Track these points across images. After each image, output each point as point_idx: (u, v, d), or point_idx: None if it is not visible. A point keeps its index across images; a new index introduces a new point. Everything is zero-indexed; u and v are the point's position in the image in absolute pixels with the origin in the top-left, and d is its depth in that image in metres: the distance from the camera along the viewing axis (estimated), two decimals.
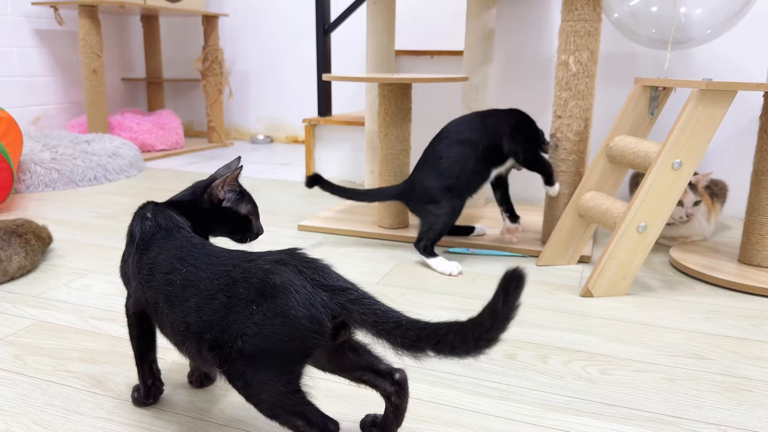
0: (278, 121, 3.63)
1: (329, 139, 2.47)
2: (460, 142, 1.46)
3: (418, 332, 0.59)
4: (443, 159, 1.44)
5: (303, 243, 1.66)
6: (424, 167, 1.48)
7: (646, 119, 1.45)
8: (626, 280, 1.30)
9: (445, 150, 1.46)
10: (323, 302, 0.62)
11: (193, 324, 0.67)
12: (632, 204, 1.26)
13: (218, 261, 0.69)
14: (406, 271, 1.43)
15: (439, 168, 1.45)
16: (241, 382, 0.63)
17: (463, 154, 1.45)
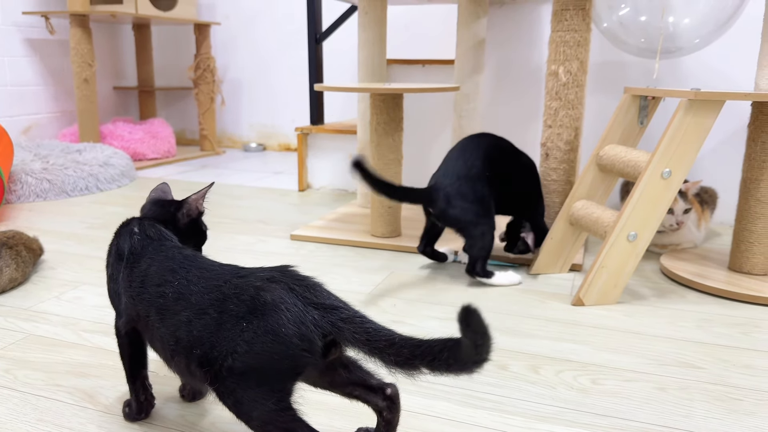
0: (271, 128, 3.63)
1: (322, 147, 2.47)
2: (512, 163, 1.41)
3: (412, 350, 0.59)
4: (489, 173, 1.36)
5: (295, 252, 1.66)
6: (460, 178, 1.35)
7: (636, 128, 1.46)
8: (617, 289, 1.31)
9: (496, 167, 1.37)
10: (314, 320, 0.62)
11: (183, 339, 0.67)
12: (622, 213, 1.27)
13: (210, 275, 0.69)
14: (399, 281, 1.43)
15: (483, 183, 1.35)
16: (232, 399, 0.63)
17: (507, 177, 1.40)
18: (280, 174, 2.89)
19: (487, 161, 1.38)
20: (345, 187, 2.49)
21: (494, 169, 1.39)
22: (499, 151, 1.42)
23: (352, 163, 1.25)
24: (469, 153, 1.38)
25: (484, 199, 1.36)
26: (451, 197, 1.35)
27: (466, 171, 1.36)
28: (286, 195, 2.43)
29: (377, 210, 1.75)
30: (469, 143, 1.41)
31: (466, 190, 1.35)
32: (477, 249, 1.38)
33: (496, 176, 1.39)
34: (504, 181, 1.41)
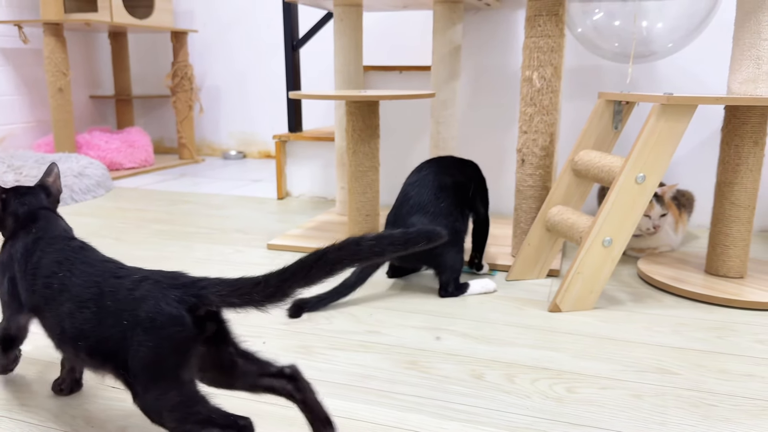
0: (250, 136, 3.60)
1: (300, 155, 2.46)
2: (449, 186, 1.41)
3: (281, 276, 0.62)
4: (443, 202, 1.37)
5: (271, 262, 1.64)
6: (420, 211, 1.36)
7: (611, 133, 1.46)
8: (593, 295, 1.31)
9: (440, 192, 1.38)
10: (177, 298, 0.65)
11: (68, 329, 0.71)
12: (597, 219, 1.27)
13: (92, 270, 0.74)
14: (376, 291, 1.42)
15: (441, 210, 1.36)
16: (140, 403, 0.66)
17: (458, 196, 1.41)
18: (259, 182, 2.87)
19: (442, 191, 1.38)
20: (323, 195, 2.47)
21: (455, 191, 1.40)
22: (451, 171, 1.43)
23: (292, 312, 1.26)
24: (420, 188, 1.38)
25: (449, 228, 1.36)
26: (413, 221, 1.35)
27: (423, 205, 1.36)
28: (264, 203, 2.41)
29: (354, 218, 1.73)
30: (417, 178, 1.41)
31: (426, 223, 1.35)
32: (449, 273, 1.38)
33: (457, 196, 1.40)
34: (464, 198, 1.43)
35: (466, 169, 1.50)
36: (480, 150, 2.14)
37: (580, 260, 1.28)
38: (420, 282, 1.50)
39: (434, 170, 1.41)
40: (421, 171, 1.42)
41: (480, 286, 1.41)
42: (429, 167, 1.43)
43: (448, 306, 1.34)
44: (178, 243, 1.82)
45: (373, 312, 1.30)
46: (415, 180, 1.40)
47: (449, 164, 1.47)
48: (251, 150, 3.63)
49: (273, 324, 1.23)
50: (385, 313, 1.30)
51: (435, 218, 1.34)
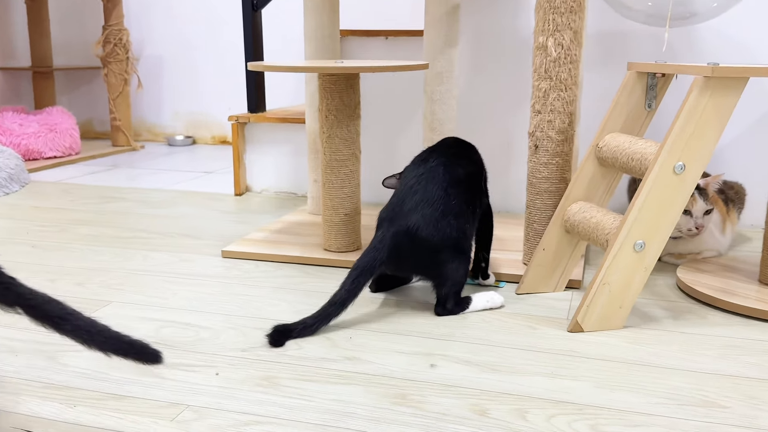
0: (202, 117, 3.58)
1: (263, 140, 2.45)
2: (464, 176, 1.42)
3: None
4: (454, 199, 1.37)
5: (227, 273, 1.63)
6: (426, 209, 1.35)
7: (643, 113, 1.47)
8: (623, 310, 1.31)
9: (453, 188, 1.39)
10: None
11: None
12: (626, 217, 1.27)
13: None
14: (357, 308, 1.41)
15: (451, 208, 1.36)
16: None
17: (470, 191, 1.42)
18: (213, 174, 2.86)
19: (454, 187, 1.38)
20: (292, 190, 2.47)
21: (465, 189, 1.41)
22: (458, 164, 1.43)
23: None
24: (426, 183, 1.38)
25: (455, 234, 1.36)
26: (416, 220, 1.34)
27: (427, 205, 1.36)
28: (218, 200, 2.40)
29: (331, 218, 1.73)
30: (424, 170, 1.41)
31: (430, 231, 1.35)
32: (449, 287, 1.38)
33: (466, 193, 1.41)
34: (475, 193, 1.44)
35: (472, 153, 1.50)
36: (484, 134, 2.14)
37: (606, 268, 1.28)
38: (411, 296, 1.50)
39: (444, 161, 1.41)
40: (429, 161, 1.42)
41: (484, 301, 1.41)
42: (437, 157, 1.43)
43: (446, 326, 1.33)
44: (109, 250, 1.81)
45: (353, 334, 1.29)
46: (422, 172, 1.40)
47: (458, 151, 1.47)
48: (202, 134, 3.61)
49: (228, 351, 1.22)
50: (367, 335, 1.29)
51: (443, 218, 1.34)
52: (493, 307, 1.42)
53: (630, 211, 1.28)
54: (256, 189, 2.50)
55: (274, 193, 2.48)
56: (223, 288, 1.55)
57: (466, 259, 1.38)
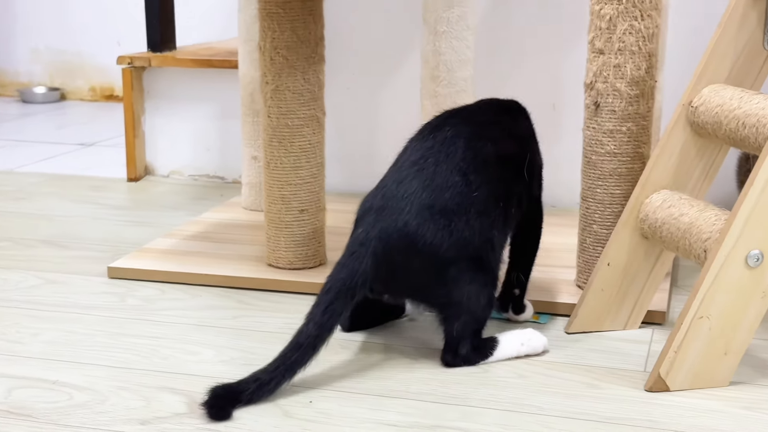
0: (74, 58, 3.56)
1: (172, 94, 2.44)
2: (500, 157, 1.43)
3: None
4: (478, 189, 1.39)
5: (117, 304, 1.63)
6: (432, 201, 1.36)
7: (761, 54, 1.47)
8: (730, 358, 1.32)
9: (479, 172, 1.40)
10: None
11: None
12: (735, 215, 1.28)
13: None
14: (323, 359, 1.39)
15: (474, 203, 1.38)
16: None
17: (503, 178, 1.43)
18: (93, 147, 2.85)
19: (478, 170, 1.39)
20: (217, 172, 2.46)
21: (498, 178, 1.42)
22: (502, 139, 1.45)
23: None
24: (436, 163, 1.38)
25: (474, 244, 1.37)
26: (418, 214, 1.35)
27: (433, 197, 1.37)
28: (102, 189, 2.39)
29: (277, 216, 1.73)
30: (433, 143, 1.41)
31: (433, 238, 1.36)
32: (462, 324, 1.38)
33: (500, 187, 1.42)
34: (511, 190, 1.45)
35: (516, 123, 1.50)
36: (514, 87, 2.15)
37: (704, 294, 1.29)
38: (405, 336, 1.50)
39: (467, 131, 1.42)
40: (444, 130, 1.42)
41: (518, 345, 1.41)
42: (457, 124, 1.43)
43: (459, 383, 1.33)
44: None
45: (316, 397, 1.29)
46: (431, 146, 1.40)
47: (492, 118, 1.48)
48: (76, 85, 3.59)
49: (120, 424, 1.22)
50: (337, 398, 1.29)
51: (459, 216, 1.35)
52: (531, 354, 1.42)
53: (740, 205, 1.29)
54: (161, 171, 2.49)
55: (189, 178, 2.47)
56: (112, 326, 1.54)
57: (490, 280, 1.39)
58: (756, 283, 1.30)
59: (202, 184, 2.44)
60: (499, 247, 1.41)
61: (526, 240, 1.54)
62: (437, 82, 1.93)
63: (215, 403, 1.23)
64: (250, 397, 1.25)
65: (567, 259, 1.78)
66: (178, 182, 2.46)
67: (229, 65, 2.34)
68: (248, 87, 2.10)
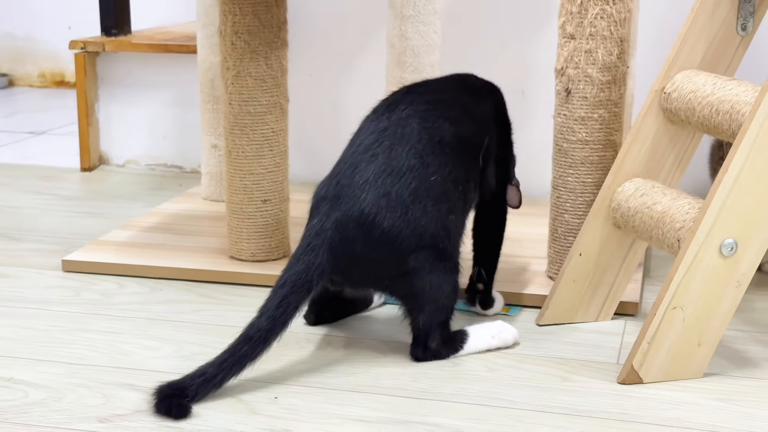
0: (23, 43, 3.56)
1: (127, 81, 2.43)
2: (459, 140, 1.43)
3: None
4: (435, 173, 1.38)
5: (73, 298, 1.62)
6: (388, 186, 1.35)
7: (734, 39, 1.48)
8: (704, 349, 1.32)
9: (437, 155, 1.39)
10: None
11: None
12: (709, 204, 1.29)
13: None
14: (287, 349, 1.41)
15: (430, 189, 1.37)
16: None
17: (463, 161, 1.43)
18: (44, 136, 2.85)
19: (436, 151, 1.39)
20: (176, 162, 2.45)
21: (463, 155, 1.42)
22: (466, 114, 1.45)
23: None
24: (392, 144, 1.37)
25: (433, 230, 1.37)
26: (374, 202, 1.34)
27: (390, 181, 1.35)
28: (55, 179, 2.38)
29: (239, 206, 1.72)
30: (388, 123, 1.40)
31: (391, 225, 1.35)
32: (428, 315, 1.37)
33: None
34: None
35: (480, 100, 1.51)
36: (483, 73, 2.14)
37: (677, 285, 1.29)
38: (372, 330, 1.50)
39: (423, 110, 1.41)
40: (398, 109, 1.41)
41: (488, 338, 1.42)
42: (412, 103, 1.42)
43: (429, 377, 1.33)
44: None
45: (281, 392, 1.28)
46: (385, 127, 1.39)
47: (453, 96, 1.47)
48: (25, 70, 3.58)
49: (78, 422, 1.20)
50: (303, 393, 1.28)
51: (416, 201, 1.34)
52: (502, 347, 1.42)
53: (714, 193, 1.29)
54: (116, 161, 2.48)
55: (145, 167, 2.46)
56: (68, 321, 1.53)
57: (451, 267, 1.38)
58: (730, 273, 1.30)
59: (159, 173, 2.43)
60: (457, 233, 1.40)
61: (491, 231, 1.53)
62: (403, 68, 1.92)
63: (161, 400, 1.21)
64: (196, 392, 1.23)
65: (538, 250, 1.79)
66: (135, 172, 2.44)
67: (187, 50, 2.33)
68: (207, 73, 2.09)
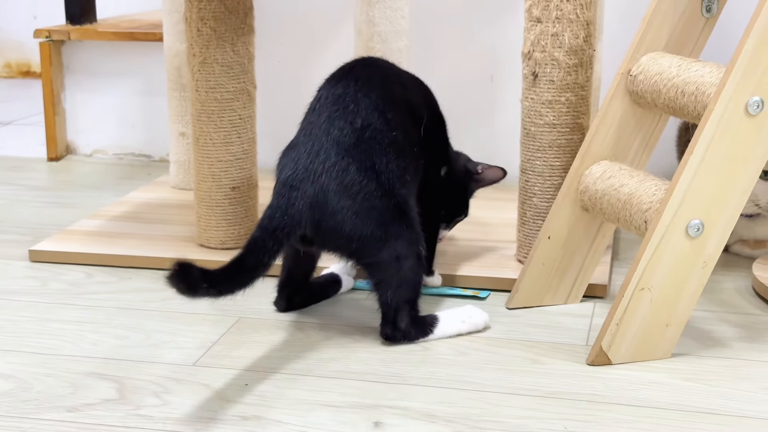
0: None
1: (93, 69, 2.42)
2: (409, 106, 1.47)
3: None
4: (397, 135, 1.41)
5: (40, 288, 1.62)
6: (347, 156, 1.37)
7: (699, 21, 1.49)
8: (671, 329, 1.34)
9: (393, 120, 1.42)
10: None
11: None
12: (675, 185, 1.30)
13: None
14: (256, 336, 1.42)
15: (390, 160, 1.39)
16: None
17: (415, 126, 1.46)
18: (9, 126, 2.83)
19: (394, 111, 1.41)
20: (144, 150, 2.44)
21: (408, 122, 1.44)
22: (402, 87, 1.48)
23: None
24: (354, 103, 1.39)
25: (396, 189, 1.38)
26: (327, 197, 1.34)
27: (354, 137, 1.37)
28: (21, 169, 2.37)
29: (211, 195, 1.72)
30: (347, 86, 1.42)
31: (357, 178, 1.36)
32: (395, 289, 1.38)
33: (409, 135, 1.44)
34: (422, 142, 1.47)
35: (415, 85, 1.54)
36: (450, 58, 2.15)
37: (645, 266, 1.31)
38: (343, 316, 1.51)
39: (367, 77, 1.43)
40: (342, 81, 1.43)
41: (458, 322, 1.42)
42: (354, 74, 1.45)
43: (399, 361, 1.34)
44: None
45: (252, 379, 1.28)
46: (342, 93, 1.41)
47: (389, 71, 1.51)
48: None
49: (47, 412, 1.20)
50: (275, 379, 1.29)
51: (378, 157, 1.36)
52: (473, 331, 1.43)
53: (680, 174, 1.30)
54: (83, 150, 2.46)
55: (113, 156, 2.45)
56: (36, 311, 1.53)
57: (415, 237, 1.39)
58: (697, 253, 1.32)
59: (127, 162, 2.42)
60: (413, 199, 1.42)
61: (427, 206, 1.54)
62: (372, 54, 1.92)
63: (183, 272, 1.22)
64: (211, 282, 1.25)
65: (507, 234, 1.79)
66: (102, 161, 2.43)
67: (153, 38, 2.31)
68: (174, 60, 2.08)
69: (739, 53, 1.28)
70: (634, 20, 2.05)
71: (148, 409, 1.21)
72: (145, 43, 2.34)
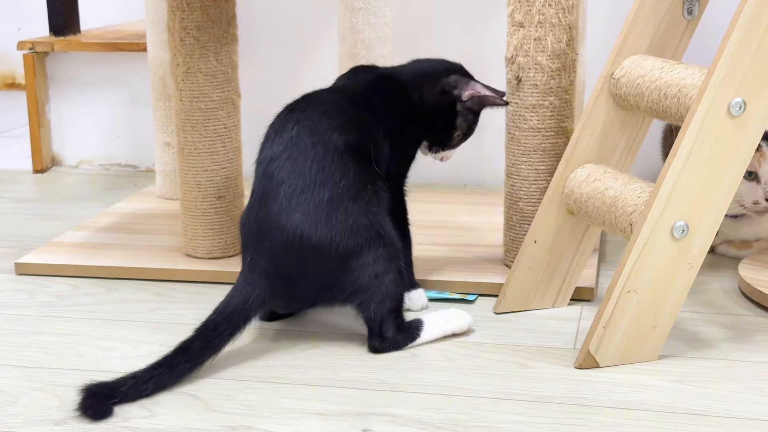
0: None
1: (78, 80, 2.41)
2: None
3: None
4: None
5: (26, 301, 1.62)
6: (304, 203, 1.37)
7: (681, 23, 1.49)
8: (658, 331, 1.34)
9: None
10: None
11: None
12: (659, 187, 1.30)
13: None
14: (243, 344, 1.41)
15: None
16: None
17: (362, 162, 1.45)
18: None
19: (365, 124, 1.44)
20: (129, 161, 2.43)
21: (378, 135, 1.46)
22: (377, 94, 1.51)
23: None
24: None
25: (370, 206, 1.39)
26: (296, 223, 1.35)
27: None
28: (7, 181, 2.36)
29: (197, 205, 1.72)
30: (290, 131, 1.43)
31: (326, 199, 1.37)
32: (378, 304, 1.38)
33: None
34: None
35: (372, 94, 1.53)
36: None
37: (631, 268, 1.31)
38: (329, 322, 1.51)
39: (308, 124, 1.43)
40: (286, 128, 1.44)
41: (443, 324, 1.42)
42: (297, 119, 1.45)
43: (387, 368, 1.34)
44: None
45: (237, 388, 1.29)
46: (282, 149, 1.41)
47: (334, 107, 1.48)
48: None
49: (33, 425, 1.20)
50: (261, 388, 1.29)
51: (334, 210, 1.36)
52: (458, 332, 1.43)
53: (664, 176, 1.30)
54: (69, 162, 2.46)
55: (99, 167, 2.44)
56: (22, 324, 1.53)
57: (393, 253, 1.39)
58: (682, 255, 1.32)
59: (113, 173, 2.41)
60: (385, 222, 1.42)
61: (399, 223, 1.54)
62: (356, 61, 1.93)
63: (89, 401, 1.21)
64: (125, 395, 1.24)
65: (493, 238, 1.79)
66: (88, 172, 2.43)
67: (137, 48, 2.31)
68: (158, 70, 2.08)
69: (720, 55, 1.29)
70: (616, 23, 2.06)
71: (136, 421, 1.20)
72: (129, 53, 2.34)
